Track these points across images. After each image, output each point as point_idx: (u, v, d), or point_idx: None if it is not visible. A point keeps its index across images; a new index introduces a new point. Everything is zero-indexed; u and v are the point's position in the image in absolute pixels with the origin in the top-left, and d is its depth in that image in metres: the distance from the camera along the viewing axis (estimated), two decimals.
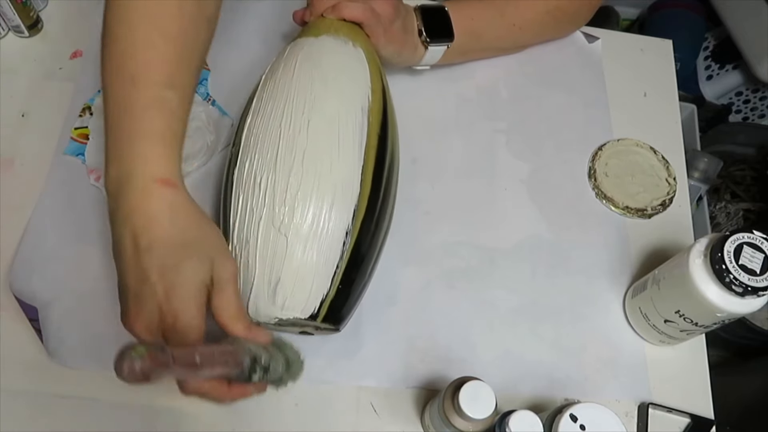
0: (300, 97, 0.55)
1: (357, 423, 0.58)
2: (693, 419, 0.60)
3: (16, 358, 0.57)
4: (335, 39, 0.59)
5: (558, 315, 0.65)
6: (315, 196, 0.52)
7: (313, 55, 0.58)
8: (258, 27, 0.77)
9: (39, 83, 0.70)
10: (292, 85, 0.56)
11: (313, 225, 0.52)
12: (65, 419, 0.55)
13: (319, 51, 0.58)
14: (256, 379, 0.43)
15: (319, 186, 0.52)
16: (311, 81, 0.56)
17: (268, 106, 0.56)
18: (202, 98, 0.71)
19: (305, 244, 0.52)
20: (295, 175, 0.52)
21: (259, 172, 0.53)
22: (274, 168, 0.53)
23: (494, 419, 0.49)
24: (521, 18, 0.74)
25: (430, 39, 0.67)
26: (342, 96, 0.56)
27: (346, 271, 0.53)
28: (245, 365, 0.42)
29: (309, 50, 0.58)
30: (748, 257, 0.51)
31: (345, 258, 0.53)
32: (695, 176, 1.21)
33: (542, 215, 0.70)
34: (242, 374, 0.42)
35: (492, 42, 0.75)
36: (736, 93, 1.48)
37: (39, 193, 0.64)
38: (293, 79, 0.56)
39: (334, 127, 0.55)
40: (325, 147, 0.54)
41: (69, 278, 0.60)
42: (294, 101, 0.55)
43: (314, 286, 0.52)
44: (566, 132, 0.76)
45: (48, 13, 0.75)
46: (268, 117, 0.55)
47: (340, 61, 0.58)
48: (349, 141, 0.55)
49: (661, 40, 0.86)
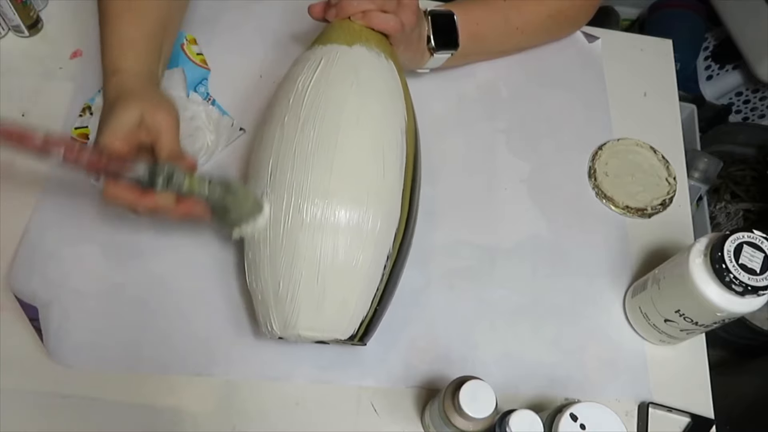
0: (343, 115, 0.53)
1: (357, 423, 0.58)
2: (693, 419, 0.60)
3: (16, 358, 0.57)
4: (369, 50, 0.57)
5: (558, 314, 0.65)
6: (360, 222, 0.52)
7: (350, 69, 0.55)
8: (258, 27, 0.77)
9: (39, 83, 0.70)
10: (331, 98, 0.54)
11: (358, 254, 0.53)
12: (65, 419, 0.55)
13: (356, 65, 0.56)
14: (160, 184, 0.48)
15: (366, 212, 0.52)
16: (353, 98, 0.54)
17: (306, 118, 0.53)
18: (202, 98, 0.71)
19: (351, 270, 0.52)
20: (340, 201, 0.51)
21: (303, 198, 0.51)
22: (325, 199, 0.51)
23: (494, 418, 0.49)
24: (524, 21, 0.74)
25: (436, 47, 0.67)
26: (384, 116, 0.55)
27: (383, 293, 0.55)
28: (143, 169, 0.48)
29: (345, 61, 0.56)
30: (748, 256, 0.51)
31: (384, 280, 0.54)
32: (695, 176, 1.21)
33: (542, 215, 0.70)
34: (144, 178, 0.48)
35: (494, 46, 0.76)
36: (736, 93, 1.48)
37: (39, 193, 0.64)
38: (332, 93, 0.54)
39: (379, 153, 0.54)
40: (373, 173, 0.53)
41: (69, 278, 0.60)
42: (336, 119, 0.53)
43: (356, 310, 0.53)
44: (566, 132, 0.76)
45: (48, 13, 0.75)
46: (308, 136, 0.53)
47: (379, 77, 0.57)
48: (392, 165, 0.54)
49: (661, 40, 0.86)
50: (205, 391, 0.57)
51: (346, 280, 0.52)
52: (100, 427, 0.55)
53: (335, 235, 0.51)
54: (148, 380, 0.57)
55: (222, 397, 0.57)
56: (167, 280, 0.61)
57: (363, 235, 0.52)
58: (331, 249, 0.51)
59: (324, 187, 0.51)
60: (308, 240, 0.51)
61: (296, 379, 0.58)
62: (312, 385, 0.58)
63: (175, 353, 0.58)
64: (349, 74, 0.55)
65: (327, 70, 0.55)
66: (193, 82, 0.71)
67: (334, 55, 0.56)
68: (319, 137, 0.52)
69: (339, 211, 0.51)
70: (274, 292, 0.52)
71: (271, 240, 0.52)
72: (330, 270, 0.52)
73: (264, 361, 0.59)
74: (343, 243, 0.51)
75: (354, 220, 0.52)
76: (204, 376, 0.58)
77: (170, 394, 0.57)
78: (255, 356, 0.59)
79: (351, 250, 0.52)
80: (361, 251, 0.52)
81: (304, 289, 0.51)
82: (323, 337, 0.53)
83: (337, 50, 0.57)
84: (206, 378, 0.58)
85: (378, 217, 0.53)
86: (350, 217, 0.52)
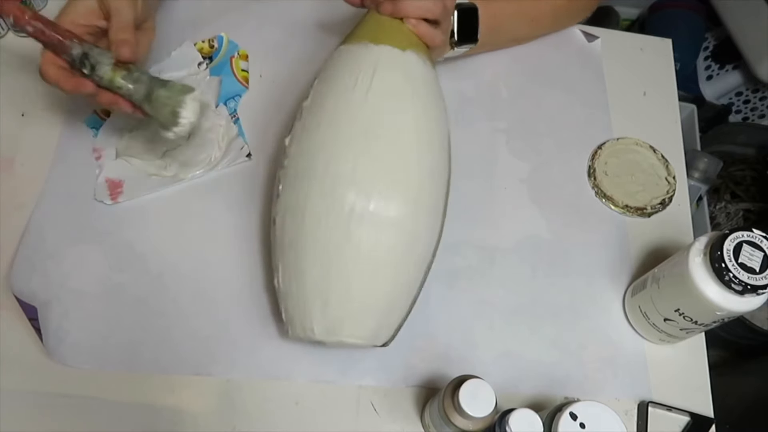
0: (404, 125, 0.53)
1: (357, 422, 0.58)
2: (693, 418, 0.60)
3: (16, 358, 0.57)
4: (418, 57, 0.56)
5: (558, 314, 0.65)
6: (414, 231, 0.53)
7: (406, 76, 0.55)
8: (259, 27, 0.77)
9: (39, 83, 0.69)
10: (391, 106, 0.53)
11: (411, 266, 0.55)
12: (65, 419, 0.55)
13: (413, 72, 0.55)
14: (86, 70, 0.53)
15: (421, 221, 0.53)
16: (409, 105, 0.54)
17: (368, 127, 0.52)
18: (229, 112, 0.70)
19: (402, 281, 0.54)
20: (400, 210, 0.51)
21: (361, 205, 0.51)
22: (386, 207, 0.51)
23: (494, 418, 0.49)
24: (538, 13, 0.75)
25: (458, 42, 0.66)
26: (437, 125, 0.56)
27: (414, 301, 0.56)
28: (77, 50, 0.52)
29: (401, 66, 0.55)
30: (748, 255, 0.51)
31: (419, 290, 0.56)
32: (695, 176, 1.21)
33: (542, 214, 0.70)
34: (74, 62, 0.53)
35: (508, 36, 0.76)
36: (736, 93, 1.48)
37: (39, 193, 0.64)
38: (392, 100, 0.53)
39: (435, 166, 0.55)
40: (431, 184, 0.54)
41: (69, 278, 0.60)
42: (397, 128, 0.53)
43: (399, 318, 0.56)
44: (566, 131, 0.76)
45: (48, 13, 0.74)
46: (373, 146, 0.52)
47: (433, 89, 0.56)
48: (443, 176, 0.56)
49: (661, 40, 0.86)
50: (205, 391, 0.57)
51: (396, 289, 0.54)
52: (100, 427, 0.55)
53: (390, 242, 0.52)
54: (148, 380, 0.57)
55: (222, 397, 0.57)
56: (167, 280, 0.61)
57: (415, 244, 0.53)
58: (385, 258, 0.52)
59: (386, 194, 0.51)
60: (367, 246, 0.51)
61: (296, 379, 0.59)
62: (312, 384, 0.58)
63: (175, 353, 0.58)
64: (406, 83, 0.54)
65: (385, 76, 0.54)
66: (226, 95, 0.71)
67: (391, 60, 0.54)
68: (383, 150, 0.52)
69: (397, 219, 0.51)
70: (323, 298, 0.51)
71: (321, 245, 0.51)
72: (382, 279, 0.52)
73: (264, 361, 0.59)
74: (397, 251, 0.52)
75: (409, 228, 0.52)
76: (204, 375, 0.58)
77: (170, 394, 0.57)
78: (255, 356, 0.59)
79: (405, 259, 0.53)
80: (413, 260, 0.54)
81: (357, 297, 0.52)
82: (363, 344, 0.54)
83: (389, 53, 0.55)
84: (206, 378, 0.58)
85: (429, 225, 0.54)
86: (406, 225, 0.52)
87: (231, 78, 0.73)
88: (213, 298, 0.61)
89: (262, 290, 0.62)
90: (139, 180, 0.65)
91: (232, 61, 0.73)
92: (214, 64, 0.73)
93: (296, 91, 0.73)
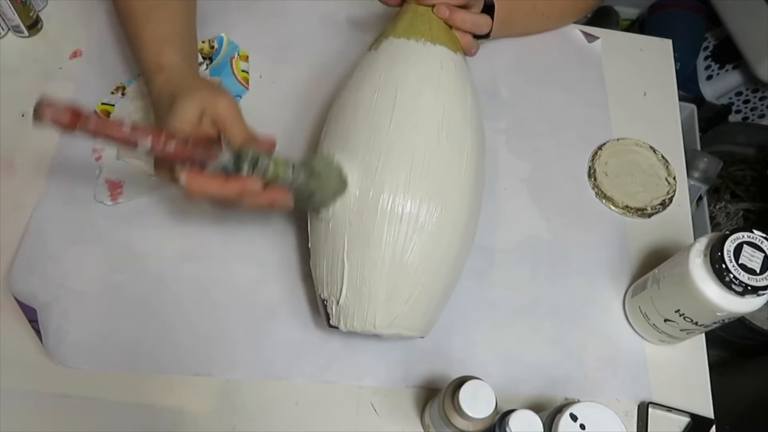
0: (438, 120, 0.55)
1: (357, 422, 0.58)
2: (693, 418, 0.60)
3: (16, 358, 0.57)
4: (463, 59, 0.61)
5: (558, 314, 0.65)
6: (456, 221, 0.55)
7: (464, 81, 0.59)
8: (258, 27, 0.77)
9: (39, 83, 0.70)
10: (423, 103, 0.55)
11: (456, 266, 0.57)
12: (65, 419, 0.55)
13: (467, 75, 0.59)
14: (245, 170, 0.47)
15: (464, 212, 0.55)
16: (444, 101, 0.56)
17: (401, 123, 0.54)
18: None
19: (451, 273, 0.56)
20: (445, 203, 0.54)
21: (408, 198, 0.52)
22: (433, 202, 0.53)
23: (494, 418, 0.49)
24: (549, 7, 0.77)
25: (475, 36, 0.66)
26: (479, 121, 0.59)
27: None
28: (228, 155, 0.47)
29: (460, 70, 0.59)
30: (748, 256, 0.51)
31: (459, 279, 0.59)
32: (695, 176, 1.21)
33: (542, 215, 0.70)
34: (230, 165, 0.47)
35: (517, 30, 0.78)
36: (736, 93, 1.48)
37: (39, 193, 0.64)
38: (424, 97, 0.55)
39: (480, 174, 0.58)
40: (473, 180, 0.57)
41: (69, 278, 0.60)
42: (431, 125, 0.54)
43: (441, 312, 0.58)
44: (566, 131, 0.76)
45: (48, 13, 0.75)
46: (408, 141, 0.54)
47: (466, 81, 0.59)
48: (480, 171, 0.59)
49: (661, 40, 0.86)
50: (205, 391, 0.57)
51: (449, 286, 0.57)
52: (100, 427, 0.55)
53: (443, 240, 0.54)
54: (148, 380, 0.57)
55: (222, 397, 0.57)
56: (167, 280, 0.61)
57: (467, 243, 0.57)
58: (442, 257, 0.54)
59: (434, 191, 0.53)
60: (430, 246, 0.53)
61: (296, 379, 0.59)
62: (312, 384, 0.58)
63: (175, 353, 0.58)
64: (465, 87, 0.58)
65: (417, 70, 0.56)
66: None
67: (450, 61, 0.58)
68: (448, 156, 0.54)
69: (446, 212, 0.54)
70: (388, 293, 0.53)
71: (373, 238, 0.52)
72: (442, 277, 0.55)
73: (264, 361, 0.59)
74: (452, 252, 0.55)
75: (454, 220, 0.54)
76: (204, 375, 0.58)
77: (170, 394, 0.57)
78: (255, 356, 0.59)
79: (459, 258, 0.56)
80: (463, 259, 0.58)
81: (421, 293, 0.54)
82: (414, 336, 0.56)
83: (437, 52, 0.58)
84: (206, 378, 0.58)
85: (472, 216, 0.57)
86: (454, 218, 0.54)
87: (231, 79, 0.73)
88: (213, 298, 0.61)
89: (263, 290, 0.62)
90: (139, 181, 0.65)
91: (232, 62, 0.73)
92: (215, 65, 0.73)
93: (297, 91, 0.73)
